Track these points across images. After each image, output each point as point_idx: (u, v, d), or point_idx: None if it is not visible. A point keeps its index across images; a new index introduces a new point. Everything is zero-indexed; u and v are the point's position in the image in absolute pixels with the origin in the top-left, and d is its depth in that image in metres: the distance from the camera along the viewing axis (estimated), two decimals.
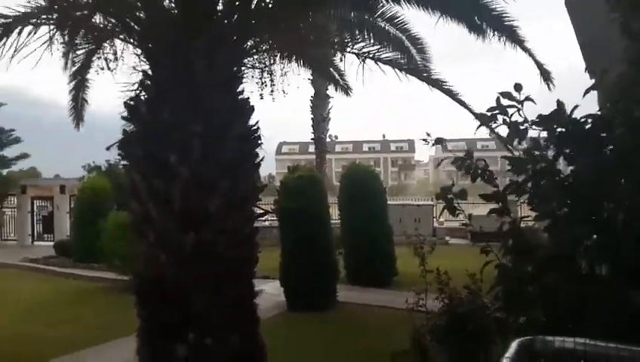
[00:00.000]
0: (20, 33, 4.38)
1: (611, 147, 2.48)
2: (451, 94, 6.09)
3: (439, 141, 3.25)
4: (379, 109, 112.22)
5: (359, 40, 6.02)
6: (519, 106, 2.71)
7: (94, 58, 4.96)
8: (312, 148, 28.29)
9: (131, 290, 4.29)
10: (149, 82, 4.29)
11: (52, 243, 15.87)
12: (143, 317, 3.98)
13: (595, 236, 2.32)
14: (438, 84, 6.09)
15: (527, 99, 2.71)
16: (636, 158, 2.13)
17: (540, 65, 5.35)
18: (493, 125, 2.79)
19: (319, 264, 8.56)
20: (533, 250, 2.50)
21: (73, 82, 6.45)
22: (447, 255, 9.07)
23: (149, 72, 4.32)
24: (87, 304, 9.34)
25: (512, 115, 2.74)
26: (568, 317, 2.04)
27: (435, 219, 17.44)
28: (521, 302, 2.46)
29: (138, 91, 4.38)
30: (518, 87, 2.72)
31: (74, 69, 5.90)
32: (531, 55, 5.28)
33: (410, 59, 6.57)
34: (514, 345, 1.64)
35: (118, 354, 6.00)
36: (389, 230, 10.92)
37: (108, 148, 4.38)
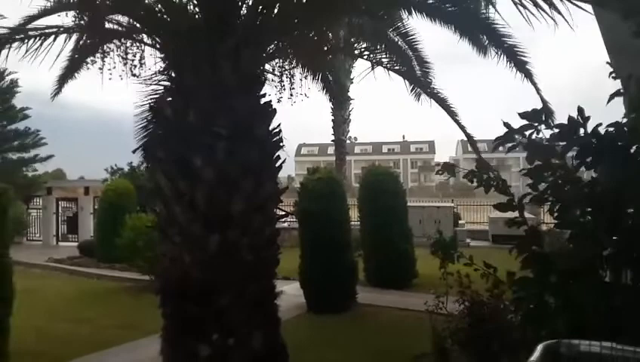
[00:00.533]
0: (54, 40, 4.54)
1: (633, 152, 2.45)
2: (450, 112, 6.19)
3: (449, 169, 3.28)
4: (399, 110, 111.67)
5: (373, 49, 6.12)
6: (539, 128, 2.69)
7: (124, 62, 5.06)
8: (331, 150, 28.35)
9: (153, 290, 4.39)
10: (174, 86, 4.38)
11: (76, 244, 16.21)
12: (167, 317, 4.07)
13: (618, 246, 2.30)
14: (438, 98, 6.18)
15: (545, 122, 2.68)
16: None
17: (539, 92, 5.35)
18: (510, 144, 2.78)
19: (339, 265, 8.60)
20: (555, 261, 2.48)
21: None
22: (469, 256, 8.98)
23: (174, 75, 4.41)
24: (110, 303, 9.54)
25: (531, 134, 2.71)
26: (590, 327, 2.03)
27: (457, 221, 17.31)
28: (543, 314, 2.44)
29: (163, 95, 4.48)
30: (536, 112, 2.69)
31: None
32: (533, 83, 5.26)
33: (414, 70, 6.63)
34: (539, 348, 1.65)
35: (141, 353, 6.12)
36: (408, 232, 10.89)
37: (134, 151, 4.49)
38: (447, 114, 6.14)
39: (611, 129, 2.53)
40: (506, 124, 2.67)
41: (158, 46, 4.70)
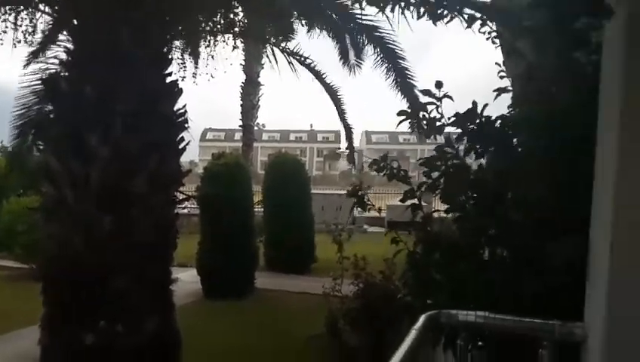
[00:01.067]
0: None
1: (515, 145, 2.72)
2: (335, 100, 6.45)
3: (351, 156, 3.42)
4: (307, 99, 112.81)
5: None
6: (438, 103, 2.86)
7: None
8: (238, 136, 27.84)
9: (31, 278, 4.07)
10: (70, 58, 4.05)
11: None
12: (47, 305, 3.79)
13: (496, 228, 2.54)
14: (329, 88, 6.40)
15: (446, 96, 2.88)
16: (534, 159, 2.37)
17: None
18: (411, 121, 2.93)
19: (238, 251, 8.59)
20: (442, 241, 2.69)
21: None
22: (365, 242, 9.42)
23: (71, 47, 4.08)
24: None
25: (431, 111, 2.88)
26: (472, 300, 2.24)
27: (355, 208, 17.93)
28: (429, 288, 2.64)
29: (58, 68, 4.14)
30: (438, 85, 2.88)
31: None
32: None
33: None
34: (422, 318, 1.79)
35: (19, 345, 5.66)
36: (310, 218, 11.18)
37: (19, 127, 4.08)
38: (333, 102, 6.36)
39: (499, 121, 2.76)
40: (409, 100, 2.82)
41: (55, 15, 4.33)
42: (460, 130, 2.80)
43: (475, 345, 2.04)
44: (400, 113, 3.01)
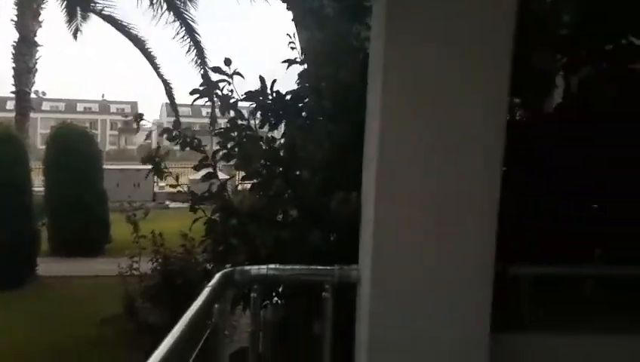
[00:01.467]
0: None
1: (305, 115, 2.95)
2: (148, 56, 6.17)
3: (139, 117, 3.33)
4: (98, 67, 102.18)
5: None
6: (229, 80, 2.93)
7: None
8: (10, 105, 23.80)
9: None
10: None
11: None
12: None
13: (288, 190, 2.74)
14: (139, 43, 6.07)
15: (236, 73, 2.96)
16: (318, 124, 2.62)
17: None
18: (204, 99, 2.95)
19: (12, 236, 7.57)
20: (237, 207, 2.80)
21: None
22: (167, 218, 9.17)
23: None
24: None
25: (223, 87, 2.93)
26: (266, 258, 2.38)
27: (155, 184, 17.16)
28: (226, 252, 2.73)
29: None
30: (227, 62, 2.94)
31: None
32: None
33: None
34: (217, 275, 1.84)
35: None
36: (102, 196, 10.38)
37: None
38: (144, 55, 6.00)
39: (289, 96, 2.95)
40: (203, 76, 2.82)
41: None
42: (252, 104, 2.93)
43: (267, 296, 2.18)
44: (193, 92, 3.01)
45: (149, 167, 3.14)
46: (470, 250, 1.74)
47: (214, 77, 3.00)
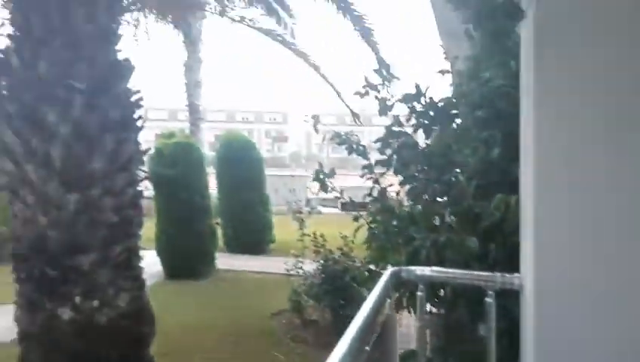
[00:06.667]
0: None
1: (459, 122, 3.04)
2: (316, 69, 6.56)
3: (316, 119, 3.65)
4: (254, 79, 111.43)
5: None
6: (387, 83, 3.14)
7: None
8: (182, 116, 27.13)
9: None
10: (20, 33, 4.00)
11: None
12: (21, 282, 3.82)
13: (444, 195, 2.86)
14: (304, 56, 6.51)
15: (394, 77, 3.16)
16: (473, 131, 2.69)
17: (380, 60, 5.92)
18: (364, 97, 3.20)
19: (197, 232, 8.65)
20: (398, 209, 3.00)
21: None
22: (321, 222, 9.70)
23: (20, 22, 4.02)
24: None
25: (380, 90, 3.15)
26: (424, 259, 2.55)
27: (308, 190, 18.23)
28: (389, 252, 2.94)
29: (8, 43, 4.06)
30: (385, 66, 3.15)
31: None
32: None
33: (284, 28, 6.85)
34: (387, 273, 2.06)
35: None
36: (266, 199, 11.27)
37: None
38: (312, 68, 6.44)
39: (442, 103, 3.07)
40: (365, 79, 3.08)
41: None
42: (407, 110, 3.10)
43: (432, 295, 2.34)
44: (355, 94, 3.27)
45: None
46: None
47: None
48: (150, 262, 8.70)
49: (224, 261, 9.43)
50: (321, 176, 3.44)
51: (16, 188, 3.80)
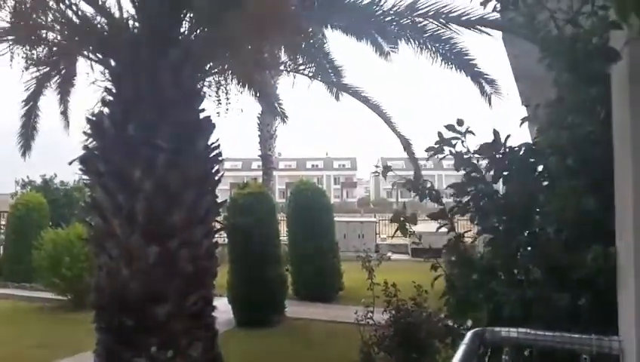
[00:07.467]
0: None
1: (540, 170, 2.89)
2: (385, 118, 6.59)
3: (387, 169, 3.59)
4: (323, 127, 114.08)
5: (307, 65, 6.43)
6: (462, 138, 3.06)
7: (48, 83, 4.96)
8: (255, 165, 28.20)
9: (69, 309, 4.27)
10: (112, 98, 4.36)
11: None
12: (101, 331, 3.99)
13: (528, 247, 2.69)
14: (374, 106, 6.57)
15: (468, 132, 3.07)
16: (563, 179, 2.53)
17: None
18: (440, 156, 3.13)
19: (269, 279, 8.70)
20: (477, 261, 2.84)
21: (25, 108, 6.36)
22: (391, 269, 9.46)
23: (112, 88, 4.39)
24: (23, 324, 8.92)
25: (455, 144, 3.07)
26: (508, 317, 2.37)
27: (377, 236, 18.00)
28: (468, 307, 2.78)
29: (100, 107, 4.44)
30: (460, 122, 3.08)
31: (27, 94, 5.84)
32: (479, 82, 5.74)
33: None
34: (469, 334, 1.93)
35: None
36: (335, 246, 11.21)
37: (70, 163, 4.38)
38: (382, 120, 6.49)
39: (522, 150, 2.94)
40: (439, 134, 3.01)
41: (93, 58, 4.66)
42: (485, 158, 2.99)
43: (517, 356, 2.16)
44: (428, 150, 3.20)
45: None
46: None
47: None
48: (222, 310, 8.86)
49: (293, 309, 9.37)
50: (401, 219, 3.34)
51: (102, 241, 4.03)
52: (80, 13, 4.40)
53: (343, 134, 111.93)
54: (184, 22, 4.62)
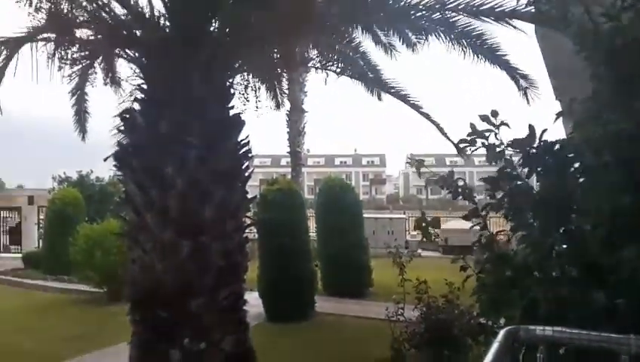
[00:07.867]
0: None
1: (576, 165, 2.80)
2: (418, 109, 6.48)
3: (420, 163, 3.52)
4: (351, 124, 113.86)
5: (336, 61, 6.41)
6: (496, 131, 2.99)
7: (90, 72, 5.13)
8: (284, 162, 28.43)
9: (104, 302, 4.39)
10: (144, 96, 4.46)
11: (20, 255, 15.48)
12: (136, 323, 4.10)
13: (564, 244, 2.62)
14: (405, 99, 6.49)
15: (503, 124, 3.00)
16: (600, 176, 2.46)
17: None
18: (472, 148, 3.06)
19: (298, 275, 8.74)
20: (511, 258, 2.78)
21: (74, 97, 6.62)
22: (421, 266, 9.38)
23: (145, 87, 4.49)
24: (60, 316, 9.23)
25: (488, 137, 3.00)
26: (543, 315, 2.32)
27: (407, 232, 17.85)
28: (501, 305, 2.73)
29: (132, 104, 4.55)
30: (494, 113, 3.01)
31: (73, 84, 6.06)
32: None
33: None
34: (502, 332, 1.89)
35: None
36: (364, 242, 11.18)
37: (105, 160, 4.51)
38: (421, 115, 6.40)
39: (557, 145, 2.86)
40: (471, 125, 2.95)
41: (126, 56, 4.77)
42: (518, 152, 2.91)
43: (554, 358, 2.11)
44: (461, 141, 3.14)
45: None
46: None
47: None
48: (252, 304, 8.95)
49: (323, 304, 9.39)
50: (424, 225, 3.32)
51: (136, 235, 4.13)
52: (112, 13, 4.51)
53: (372, 131, 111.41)
54: (213, 21, 4.67)
